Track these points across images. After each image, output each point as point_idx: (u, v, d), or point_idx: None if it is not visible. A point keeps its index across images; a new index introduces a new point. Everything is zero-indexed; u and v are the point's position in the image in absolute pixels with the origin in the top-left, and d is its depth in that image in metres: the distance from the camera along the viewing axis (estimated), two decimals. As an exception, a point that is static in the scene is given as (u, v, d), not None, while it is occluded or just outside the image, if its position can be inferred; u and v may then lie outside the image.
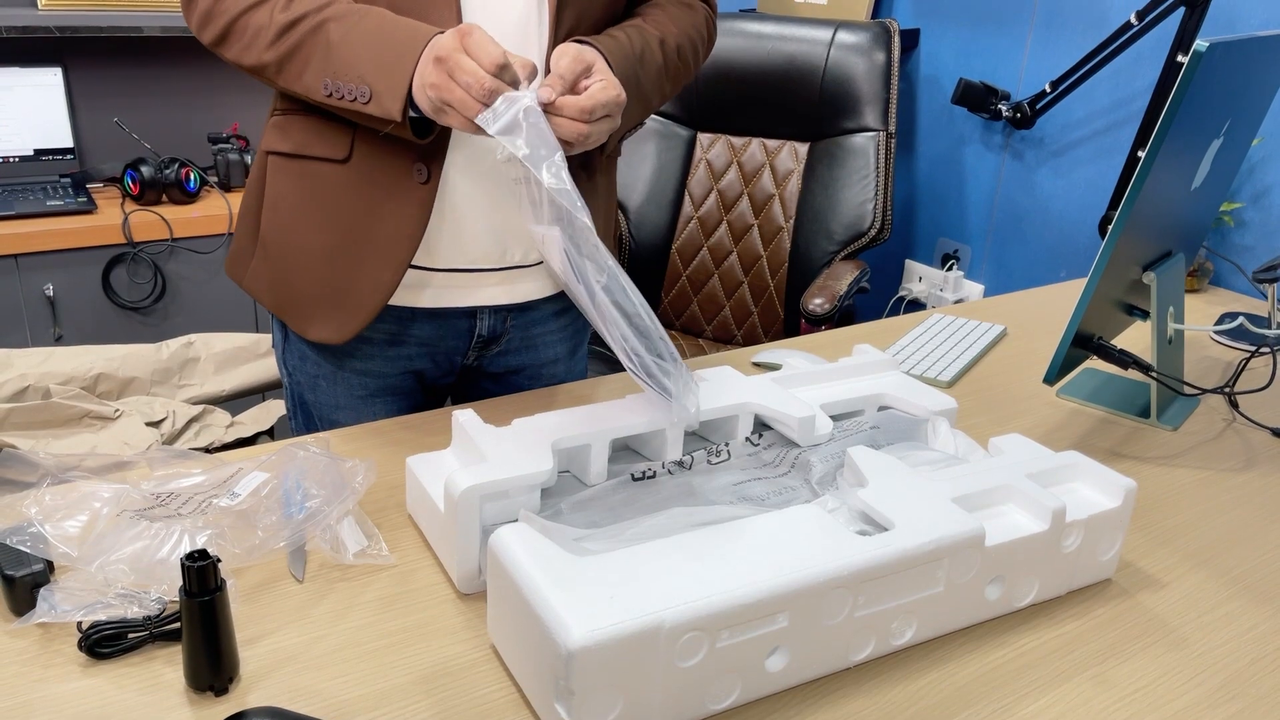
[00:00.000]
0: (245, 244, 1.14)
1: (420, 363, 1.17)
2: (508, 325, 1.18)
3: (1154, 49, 1.88)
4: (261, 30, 0.96)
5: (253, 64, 0.98)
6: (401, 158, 1.02)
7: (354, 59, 0.93)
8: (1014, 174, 2.19)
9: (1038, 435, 1.18)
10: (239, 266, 1.15)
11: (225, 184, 2.40)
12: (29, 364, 1.33)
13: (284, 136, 1.08)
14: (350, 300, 1.07)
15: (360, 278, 1.06)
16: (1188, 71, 0.96)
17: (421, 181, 1.03)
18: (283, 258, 1.10)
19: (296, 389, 1.19)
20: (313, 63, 0.95)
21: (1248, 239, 1.79)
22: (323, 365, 1.15)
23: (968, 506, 0.84)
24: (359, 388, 1.16)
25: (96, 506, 0.81)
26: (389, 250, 1.05)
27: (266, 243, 1.11)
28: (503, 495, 0.83)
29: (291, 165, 1.07)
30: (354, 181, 1.04)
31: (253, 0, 0.96)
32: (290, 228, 1.08)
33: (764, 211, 2.30)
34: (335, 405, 1.17)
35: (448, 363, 1.18)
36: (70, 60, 2.34)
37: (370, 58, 0.92)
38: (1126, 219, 1.03)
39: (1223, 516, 1.02)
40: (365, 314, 1.07)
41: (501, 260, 1.11)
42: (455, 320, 1.14)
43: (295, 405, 1.20)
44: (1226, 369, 1.42)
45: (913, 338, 1.44)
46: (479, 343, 1.17)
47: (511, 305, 1.16)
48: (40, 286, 2.08)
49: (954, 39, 2.26)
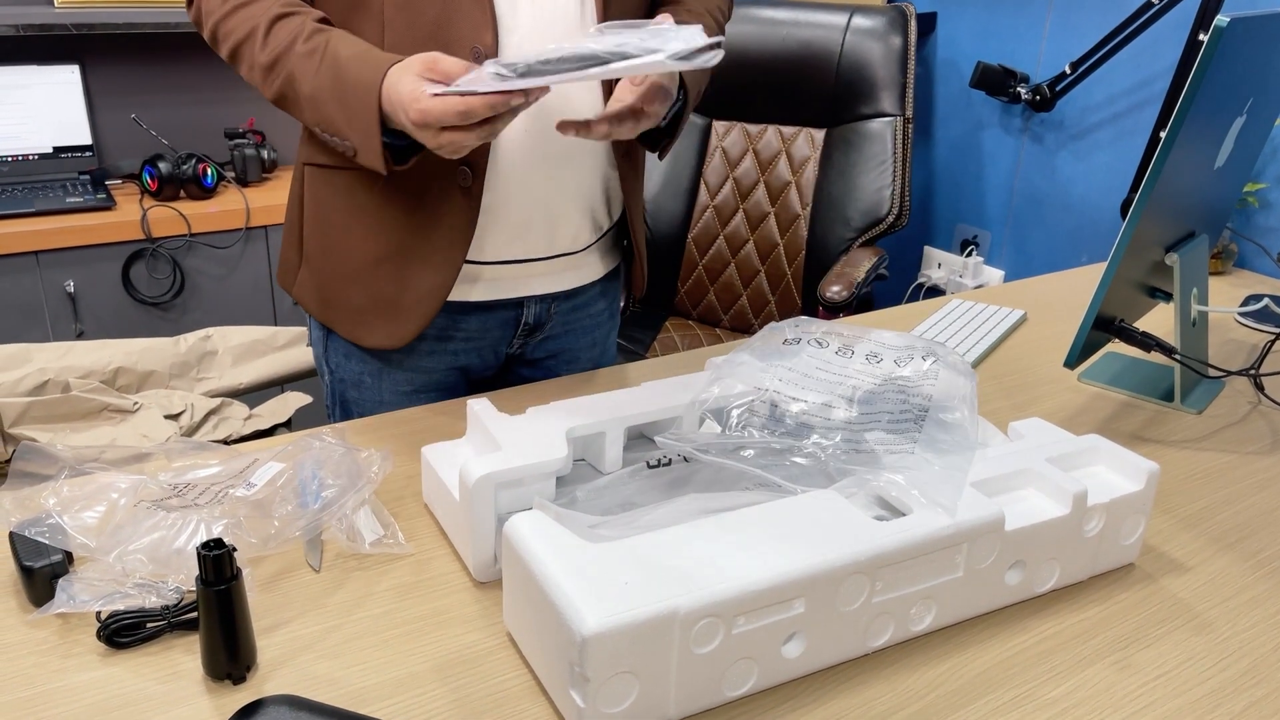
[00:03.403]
0: (291, 256, 1.15)
1: (466, 358, 1.16)
2: (552, 312, 1.18)
3: (1175, 28, 1.85)
4: (253, 70, 0.98)
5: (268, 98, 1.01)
6: (444, 162, 1.02)
7: (328, 115, 0.95)
8: (1033, 158, 2.17)
9: (1059, 419, 1.16)
10: (288, 277, 1.16)
11: (242, 179, 2.41)
12: (48, 358, 1.34)
13: (320, 148, 1.08)
14: (404, 306, 1.07)
15: (412, 283, 1.06)
16: (1209, 48, 0.94)
17: (465, 185, 1.03)
18: (329, 269, 1.10)
19: (339, 386, 1.18)
20: (304, 113, 0.97)
21: (1273, 220, 1.76)
22: (368, 363, 1.14)
23: (987, 491, 0.83)
24: (405, 383, 1.15)
25: (114, 498, 0.82)
26: (440, 254, 1.05)
27: (311, 255, 1.12)
28: (518, 483, 0.83)
29: (331, 176, 1.08)
30: (397, 190, 1.05)
31: (242, 36, 0.97)
32: (334, 239, 1.09)
33: (780, 199, 2.29)
34: (379, 402, 1.16)
35: (493, 354, 1.18)
36: (87, 57, 2.35)
37: (340, 115, 0.94)
38: (1148, 200, 1.01)
39: (1248, 500, 1.00)
40: (421, 319, 1.07)
41: (550, 249, 1.11)
42: (503, 311, 1.15)
43: (335, 402, 1.20)
44: (1252, 351, 1.39)
45: (932, 323, 1.43)
46: (524, 331, 1.18)
47: (558, 293, 1.17)
48: (61, 283, 2.10)
49: (971, 21, 2.23)
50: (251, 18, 0.97)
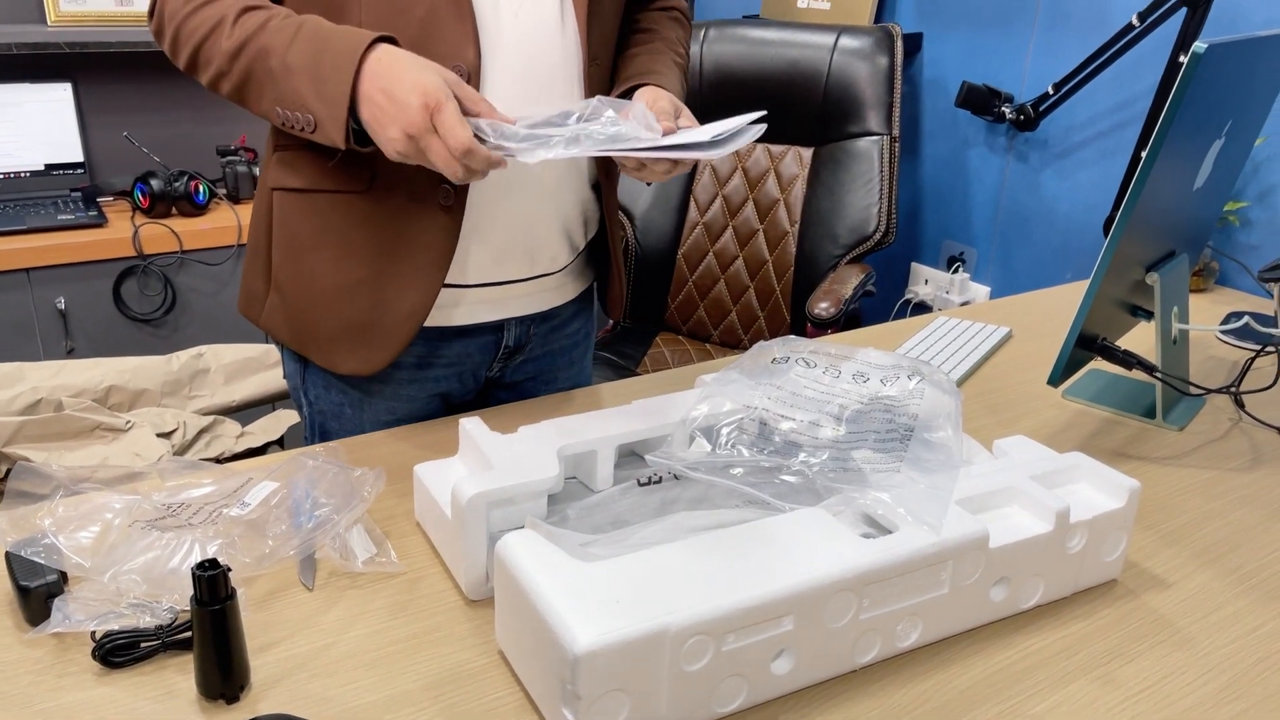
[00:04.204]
0: (257, 284, 1.12)
1: (447, 384, 1.16)
2: (531, 333, 1.18)
3: (1156, 50, 1.88)
4: (215, 59, 0.95)
5: (224, 96, 0.98)
6: (425, 182, 1.01)
7: (294, 87, 0.91)
8: (1018, 176, 2.19)
9: (1043, 436, 1.18)
10: (253, 307, 1.13)
11: (234, 196, 2.42)
12: (41, 377, 1.34)
13: (292, 172, 1.05)
14: (381, 331, 1.05)
15: (390, 307, 1.05)
16: (1186, 73, 0.96)
17: (447, 204, 1.02)
18: (302, 295, 1.07)
19: (318, 418, 1.16)
20: (266, 91, 0.93)
21: (1254, 238, 1.79)
22: (348, 393, 1.13)
23: (972, 508, 0.85)
24: (386, 413, 1.14)
25: (109, 518, 0.82)
26: (418, 277, 1.03)
27: (280, 281, 1.08)
28: (509, 502, 0.84)
29: (303, 200, 1.05)
30: (376, 211, 1.03)
31: (207, 30, 0.94)
32: (306, 264, 1.06)
33: (769, 216, 2.31)
34: (360, 433, 1.15)
35: (472, 378, 1.18)
36: (80, 75, 2.36)
37: (309, 85, 0.90)
38: (1128, 220, 1.03)
39: (1228, 516, 1.02)
40: (398, 343, 1.05)
41: (531, 270, 1.11)
42: (483, 335, 1.14)
43: (315, 434, 1.18)
44: (1232, 368, 1.41)
45: (918, 340, 1.45)
46: (505, 353, 1.17)
47: (537, 314, 1.17)
48: (52, 300, 2.10)
49: (957, 42, 2.26)
50: (219, 11, 0.94)
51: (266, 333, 1.14)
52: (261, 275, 1.11)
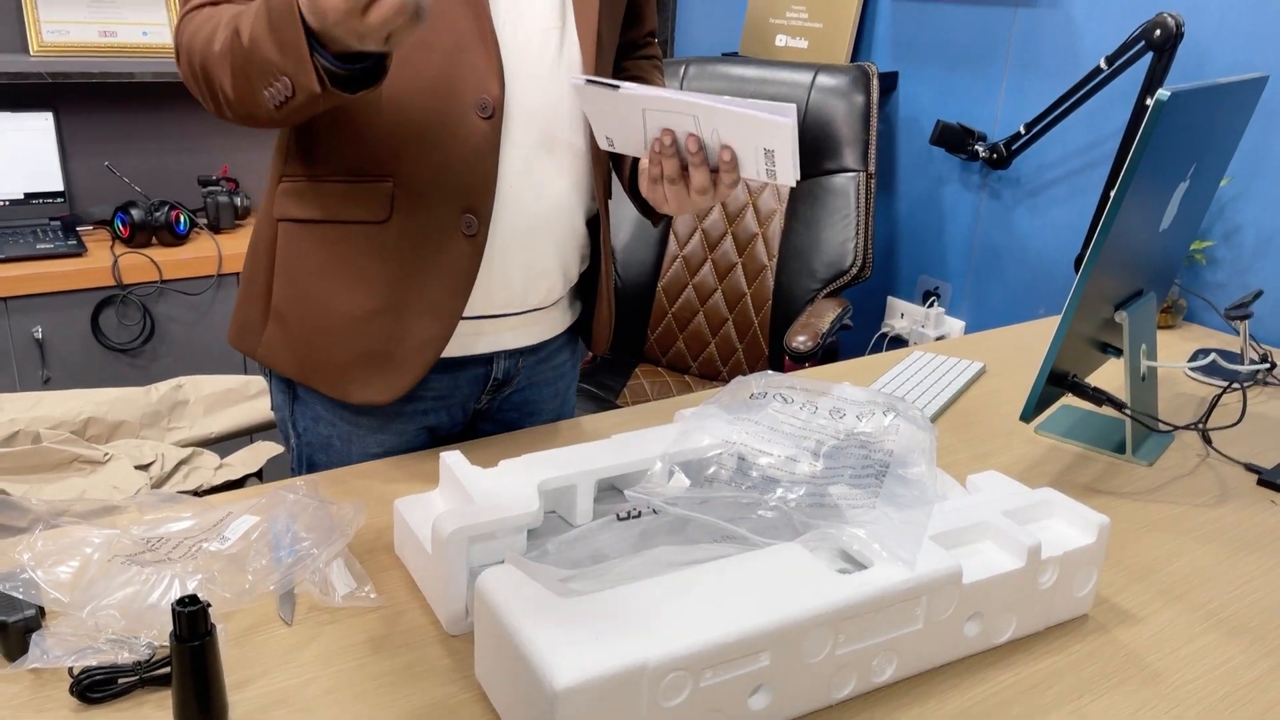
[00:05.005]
0: (254, 316, 1.11)
1: (435, 417, 1.16)
2: (519, 366, 1.19)
3: (1126, 92, 1.93)
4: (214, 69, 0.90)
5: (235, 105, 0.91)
6: (448, 211, 1.01)
7: (265, 55, 0.84)
8: (992, 213, 2.23)
9: (1016, 471, 1.20)
10: (248, 339, 1.12)
11: (215, 226, 2.43)
12: (18, 409, 1.34)
13: (304, 204, 1.05)
14: (398, 359, 1.05)
15: (409, 335, 1.04)
16: (1150, 120, 0.99)
17: (470, 233, 1.02)
18: (309, 325, 1.06)
19: (306, 450, 1.16)
20: (252, 78, 0.87)
21: (1220, 276, 1.83)
22: (337, 426, 1.12)
23: (946, 544, 0.86)
24: (374, 445, 1.13)
25: (88, 552, 0.82)
26: (438, 305, 1.04)
27: (284, 312, 1.07)
28: (489, 537, 0.85)
29: (314, 230, 1.05)
30: (395, 241, 1.02)
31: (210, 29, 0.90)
32: (316, 294, 1.05)
33: (747, 250, 2.34)
34: (347, 465, 1.15)
35: (460, 411, 1.18)
36: (61, 104, 2.36)
37: (272, 45, 0.83)
38: (1096, 261, 1.06)
39: (1196, 551, 1.04)
40: (418, 370, 1.05)
41: (524, 304, 1.11)
42: (473, 368, 1.14)
43: (302, 466, 1.18)
44: (1200, 404, 1.44)
45: (894, 375, 1.47)
46: (493, 386, 1.18)
47: (526, 347, 1.17)
48: (29, 329, 2.09)
49: (931, 81, 2.31)
50: (214, 23, 0.91)
51: (263, 364, 1.13)
52: (259, 307, 1.10)
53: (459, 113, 0.99)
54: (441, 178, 1.01)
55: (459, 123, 1.00)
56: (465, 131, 1.00)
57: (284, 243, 1.07)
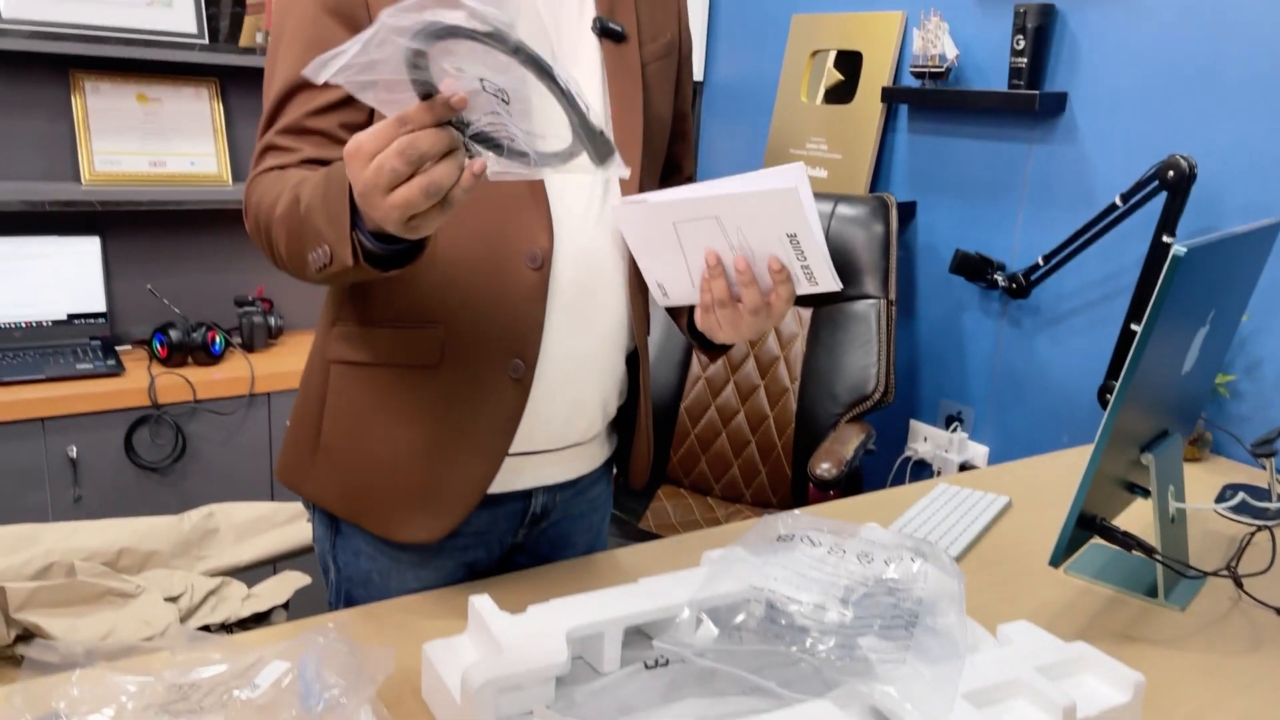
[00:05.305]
0: (302, 452, 1.13)
1: (474, 553, 1.16)
2: (556, 501, 1.19)
3: (1142, 225, 1.97)
4: (275, 230, 0.94)
5: (291, 267, 0.96)
6: (497, 356, 1.04)
7: (315, 225, 0.88)
8: (1012, 340, 2.26)
9: (1046, 617, 1.19)
10: (296, 474, 1.14)
11: (249, 345, 2.49)
12: (55, 539, 1.36)
13: (356, 348, 1.08)
14: (442, 498, 1.07)
15: (452, 474, 1.06)
16: (1167, 275, 1.02)
17: (517, 376, 1.04)
18: (357, 463, 1.09)
19: (345, 585, 1.16)
20: (302, 241, 0.90)
21: (1244, 409, 1.83)
22: (378, 562, 1.13)
23: (978, 702, 0.85)
24: (413, 581, 1.14)
25: (122, 700, 0.83)
26: (483, 444, 1.06)
27: (332, 449, 1.10)
28: (518, 687, 0.85)
29: (366, 373, 1.07)
30: (444, 384, 1.05)
31: (270, 206, 0.95)
32: (366, 433, 1.08)
33: (770, 373, 2.37)
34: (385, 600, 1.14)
35: (498, 546, 1.18)
36: (108, 229, 2.46)
37: (323, 216, 0.87)
38: (1120, 405, 1.07)
39: (1231, 703, 1.02)
40: (462, 509, 1.07)
41: (564, 439, 1.13)
42: (511, 503, 1.15)
43: (340, 599, 1.18)
44: (1230, 542, 1.43)
45: (919, 509, 1.47)
46: (530, 521, 1.18)
47: (565, 482, 1.18)
48: (64, 448, 2.13)
49: (949, 211, 2.37)
50: (279, 187, 0.95)
51: (310, 501, 1.15)
52: (308, 444, 1.12)
53: (509, 264, 1.03)
54: (491, 325, 1.04)
55: (509, 273, 1.03)
56: (515, 282, 1.03)
57: (336, 384, 1.10)
